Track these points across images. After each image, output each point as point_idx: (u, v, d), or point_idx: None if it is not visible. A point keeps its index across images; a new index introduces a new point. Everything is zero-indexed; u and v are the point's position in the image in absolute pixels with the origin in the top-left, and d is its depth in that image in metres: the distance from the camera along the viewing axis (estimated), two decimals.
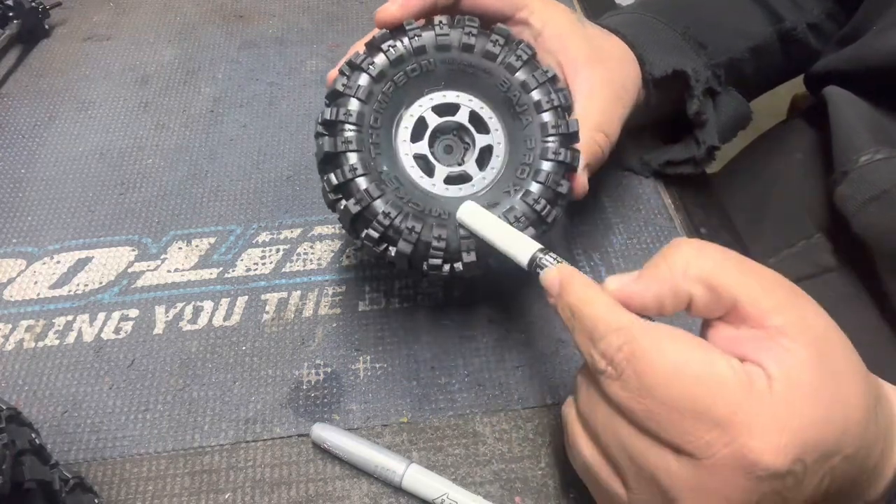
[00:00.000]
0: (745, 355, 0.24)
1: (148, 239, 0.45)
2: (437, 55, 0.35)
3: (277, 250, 0.44)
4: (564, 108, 0.35)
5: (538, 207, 0.34)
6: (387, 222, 0.32)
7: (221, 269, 0.43)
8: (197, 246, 0.45)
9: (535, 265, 0.30)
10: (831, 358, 0.24)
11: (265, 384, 0.38)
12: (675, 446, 0.23)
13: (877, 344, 0.41)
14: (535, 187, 0.34)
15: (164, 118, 0.53)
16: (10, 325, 0.41)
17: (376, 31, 0.35)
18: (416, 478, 0.33)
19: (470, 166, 0.35)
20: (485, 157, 0.36)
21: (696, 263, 0.26)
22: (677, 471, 0.24)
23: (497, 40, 0.35)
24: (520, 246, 0.31)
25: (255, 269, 0.43)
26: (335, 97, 0.34)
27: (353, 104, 0.33)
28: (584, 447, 0.27)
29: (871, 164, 0.40)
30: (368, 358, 0.39)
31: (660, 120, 0.49)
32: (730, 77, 0.47)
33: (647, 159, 0.48)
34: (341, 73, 0.34)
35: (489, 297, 0.41)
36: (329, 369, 0.38)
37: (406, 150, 0.35)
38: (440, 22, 0.35)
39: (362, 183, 0.32)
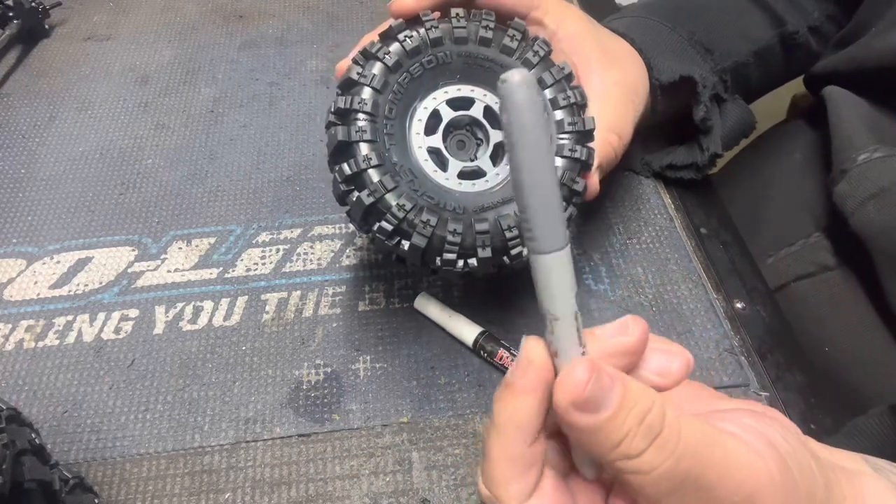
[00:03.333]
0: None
1: (148, 239, 0.45)
2: (454, 48, 0.34)
3: (277, 250, 0.44)
4: (580, 106, 0.35)
5: None
6: (401, 215, 0.31)
7: (221, 269, 0.43)
8: (197, 246, 0.45)
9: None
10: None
11: (265, 384, 0.38)
12: None
13: (875, 342, 0.41)
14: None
15: (164, 118, 0.53)
16: (10, 325, 0.41)
17: (392, 21, 0.34)
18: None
19: (484, 161, 0.35)
20: (498, 153, 0.35)
21: None
22: None
23: (514, 35, 0.34)
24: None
25: (255, 269, 0.43)
26: (349, 86, 0.33)
27: (368, 93, 0.33)
28: None
29: (869, 162, 0.40)
30: (368, 358, 0.39)
31: (664, 123, 0.49)
32: (735, 82, 0.47)
33: (648, 160, 0.48)
34: (355, 62, 0.34)
35: (489, 298, 0.41)
36: (329, 369, 0.38)
37: (419, 142, 0.34)
38: (457, 14, 0.34)
39: (376, 174, 0.32)
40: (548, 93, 0.34)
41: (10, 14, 0.58)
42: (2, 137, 0.52)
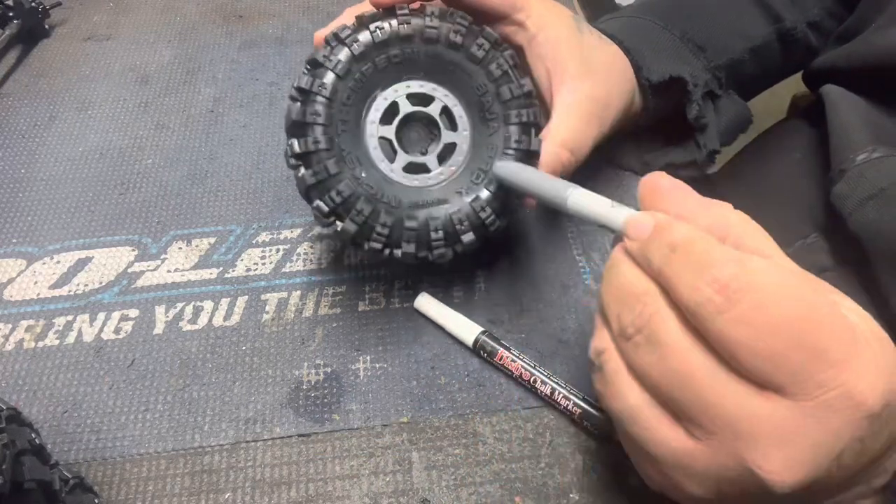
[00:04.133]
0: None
1: (148, 239, 0.45)
2: (423, 46, 0.35)
3: (277, 250, 0.44)
4: (531, 125, 0.36)
5: (483, 215, 0.35)
6: (338, 200, 0.33)
7: (221, 269, 0.43)
8: (197, 246, 0.45)
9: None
10: None
11: (265, 384, 0.38)
12: (778, 387, 0.22)
13: None
14: (485, 194, 0.35)
15: (164, 118, 0.53)
16: (10, 325, 0.41)
17: (367, 9, 0.35)
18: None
19: (431, 159, 0.36)
20: (447, 153, 0.36)
21: None
22: (764, 411, 0.22)
23: (483, 45, 0.35)
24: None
25: (255, 269, 0.43)
26: (314, 66, 0.34)
27: (330, 78, 0.34)
28: (630, 390, 0.25)
29: (868, 162, 0.40)
30: (368, 358, 0.39)
31: (661, 122, 0.49)
32: (730, 78, 0.47)
33: (647, 160, 0.48)
34: (326, 42, 0.34)
35: (489, 298, 0.41)
36: (329, 369, 0.38)
37: (373, 131, 0.35)
38: (432, 13, 0.35)
39: (323, 157, 0.33)
40: (504, 106, 0.36)
41: (10, 14, 0.58)
42: (2, 137, 0.52)
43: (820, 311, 0.23)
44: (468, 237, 0.35)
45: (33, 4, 0.59)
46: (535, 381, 0.36)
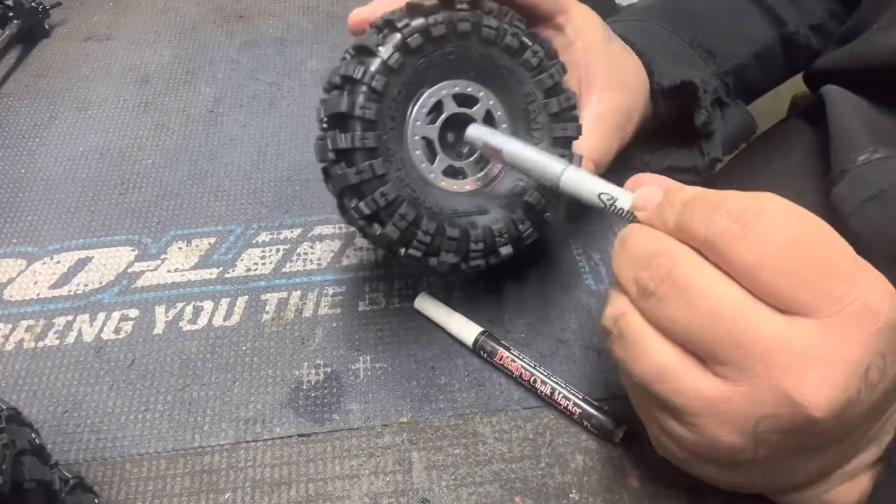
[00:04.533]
0: None
1: (148, 239, 0.45)
2: (479, 47, 0.33)
3: (277, 250, 0.44)
4: (572, 139, 0.35)
5: (522, 227, 0.34)
6: (382, 203, 0.31)
7: (221, 269, 0.43)
8: (197, 246, 0.45)
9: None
10: None
11: (265, 384, 0.38)
12: (801, 306, 0.23)
13: None
14: (523, 208, 0.35)
15: (164, 118, 0.53)
16: (10, 325, 0.41)
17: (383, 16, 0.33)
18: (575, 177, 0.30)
19: (469, 164, 0.35)
20: (485, 157, 0.35)
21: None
22: (795, 335, 0.23)
23: (538, 52, 0.34)
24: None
25: (255, 269, 0.43)
26: (363, 53, 0.31)
27: (382, 69, 0.30)
28: (657, 347, 0.25)
29: (869, 163, 0.40)
30: (368, 358, 0.39)
31: (666, 125, 0.49)
32: (736, 84, 0.47)
33: (647, 160, 0.48)
34: (376, 28, 0.31)
35: (490, 298, 0.41)
36: (329, 369, 0.38)
37: (416, 130, 0.33)
38: (490, 11, 0.33)
39: (369, 157, 0.31)
40: (550, 118, 0.35)
41: (10, 14, 0.58)
42: (2, 137, 0.52)
43: (826, 231, 0.24)
44: (506, 250, 0.34)
45: (33, 4, 0.59)
46: (535, 381, 0.36)
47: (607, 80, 0.39)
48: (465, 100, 0.35)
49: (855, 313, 0.22)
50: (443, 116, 0.34)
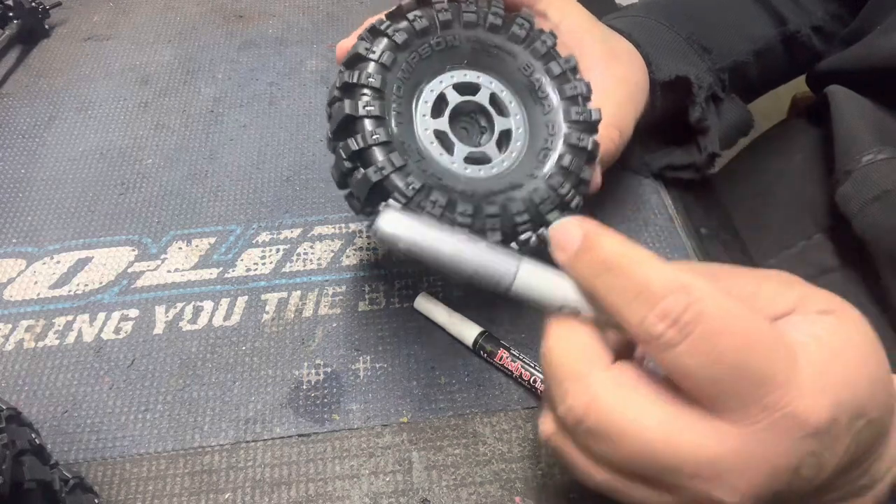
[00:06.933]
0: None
1: (148, 239, 0.45)
2: (463, 32, 0.34)
3: (277, 250, 0.44)
4: (585, 98, 0.35)
5: (562, 191, 0.33)
6: (410, 193, 0.30)
7: (221, 269, 0.43)
8: (197, 246, 0.45)
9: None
10: (853, 326, 0.25)
11: (265, 384, 0.38)
12: (730, 414, 0.23)
13: None
14: (557, 172, 0.34)
15: (164, 118, 0.53)
16: (10, 325, 0.41)
17: (403, 2, 0.34)
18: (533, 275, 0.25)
19: (490, 148, 0.35)
20: (503, 140, 0.35)
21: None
22: (725, 443, 0.23)
23: (523, 24, 0.34)
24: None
25: (255, 269, 0.43)
26: (355, 61, 0.32)
27: (375, 68, 0.32)
28: (594, 471, 0.25)
29: (874, 163, 0.40)
30: (368, 358, 0.39)
31: (663, 122, 0.49)
32: (734, 81, 0.47)
33: (647, 160, 0.48)
34: (361, 39, 0.33)
35: (490, 298, 0.41)
36: (329, 369, 0.38)
37: (426, 125, 0.33)
38: (467, 1, 0.34)
39: (383, 151, 0.31)
40: (556, 82, 0.34)
41: (10, 14, 0.58)
42: (2, 137, 0.52)
43: (764, 336, 0.23)
44: (554, 216, 0.33)
45: (33, 4, 0.59)
46: (535, 381, 0.36)
47: (603, 54, 0.39)
48: (469, 88, 0.35)
49: (780, 420, 0.22)
50: (449, 108, 0.34)
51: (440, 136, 0.34)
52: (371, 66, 0.32)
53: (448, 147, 0.34)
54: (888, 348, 0.41)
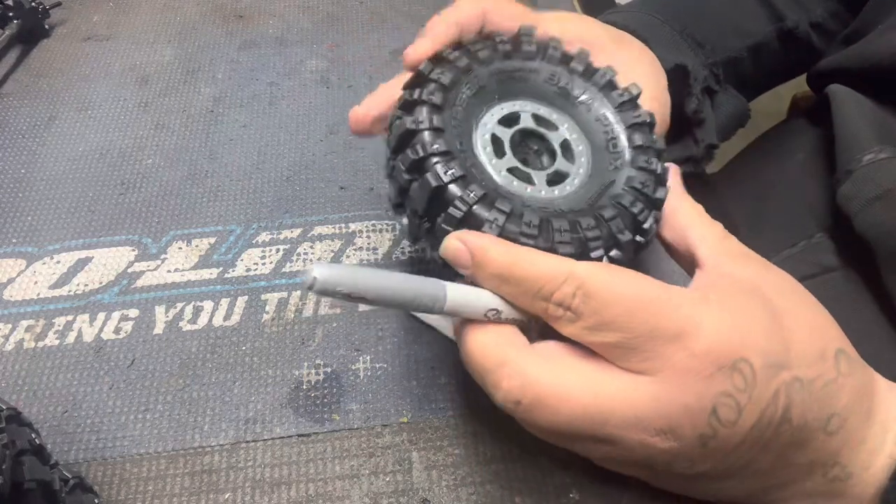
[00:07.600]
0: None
1: (148, 239, 0.45)
2: (482, 69, 0.33)
3: (277, 250, 0.44)
4: (650, 125, 0.34)
5: (634, 210, 0.31)
6: (473, 200, 0.28)
7: (221, 269, 0.43)
8: (197, 246, 0.45)
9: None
10: (775, 291, 0.28)
11: (265, 384, 0.38)
12: (639, 368, 0.26)
13: (878, 343, 0.41)
14: (630, 171, 0.32)
15: (164, 118, 0.53)
16: (10, 325, 0.41)
17: (421, 64, 0.33)
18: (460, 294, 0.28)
19: (560, 163, 0.33)
20: (566, 151, 0.34)
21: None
22: (642, 393, 0.25)
23: (528, 40, 0.34)
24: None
25: (255, 269, 0.43)
26: (417, 79, 0.32)
27: (436, 86, 0.31)
28: (544, 436, 0.29)
29: (875, 163, 0.40)
30: (368, 358, 0.39)
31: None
32: (729, 76, 0.47)
33: None
34: (428, 61, 0.32)
35: None
36: (329, 369, 0.38)
37: (498, 168, 0.32)
38: (472, 42, 0.34)
39: (445, 159, 0.29)
40: (617, 115, 0.34)
41: (10, 14, 0.58)
42: (2, 137, 0.52)
43: (650, 294, 0.26)
44: (625, 237, 0.30)
45: (33, 4, 0.59)
46: None
47: (613, 38, 0.39)
48: (511, 118, 0.34)
49: (680, 364, 0.25)
50: (507, 143, 0.32)
51: (513, 171, 0.32)
52: (431, 86, 0.31)
53: (527, 178, 0.32)
54: (889, 348, 0.41)
